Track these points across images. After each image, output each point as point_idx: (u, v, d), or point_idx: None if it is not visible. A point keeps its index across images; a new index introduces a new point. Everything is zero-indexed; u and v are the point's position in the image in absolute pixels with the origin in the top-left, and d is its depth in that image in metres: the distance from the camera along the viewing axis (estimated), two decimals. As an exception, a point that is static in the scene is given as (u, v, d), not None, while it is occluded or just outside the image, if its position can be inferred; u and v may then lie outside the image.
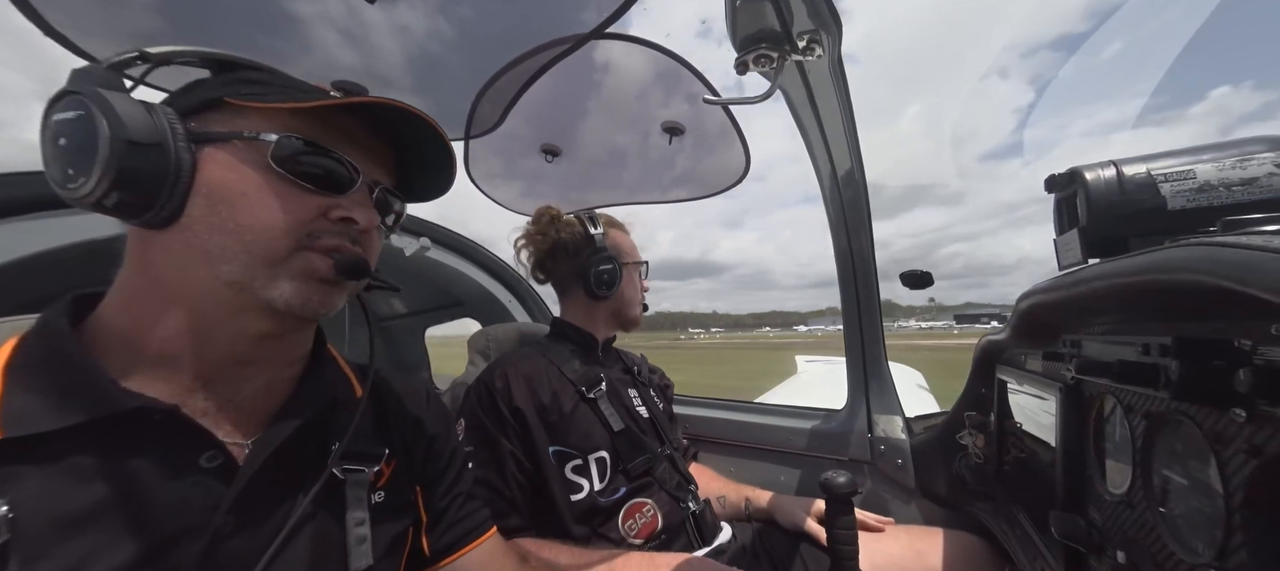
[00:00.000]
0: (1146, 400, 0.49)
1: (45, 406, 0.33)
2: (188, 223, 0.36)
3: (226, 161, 0.37)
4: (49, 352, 0.36)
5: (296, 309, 0.39)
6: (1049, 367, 0.67)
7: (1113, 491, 0.55)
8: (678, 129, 1.05)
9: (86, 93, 0.33)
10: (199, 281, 0.37)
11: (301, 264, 0.39)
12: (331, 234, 0.40)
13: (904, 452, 1.11)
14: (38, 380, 0.34)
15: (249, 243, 0.37)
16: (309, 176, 0.38)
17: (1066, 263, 0.60)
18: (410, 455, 0.53)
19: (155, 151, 0.34)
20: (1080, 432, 0.62)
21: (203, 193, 0.36)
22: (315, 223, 0.39)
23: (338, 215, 0.40)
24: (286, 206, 0.38)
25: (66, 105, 0.34)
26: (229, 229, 0.36)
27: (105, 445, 0.34)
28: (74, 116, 0.33)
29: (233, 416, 0.40)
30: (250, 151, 0.37)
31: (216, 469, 0.37)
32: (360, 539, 0.43)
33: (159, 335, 0.37)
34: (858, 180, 1.02)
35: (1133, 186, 0.50)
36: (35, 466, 0.32)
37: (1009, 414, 0.85)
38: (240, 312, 0.39)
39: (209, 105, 0.38)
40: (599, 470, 0.84)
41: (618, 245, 1.00)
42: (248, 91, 0.38)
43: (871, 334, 1.17)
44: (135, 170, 0.33)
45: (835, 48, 0.72)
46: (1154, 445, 0.49)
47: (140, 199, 0.34)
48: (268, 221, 0.37)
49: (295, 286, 0.38)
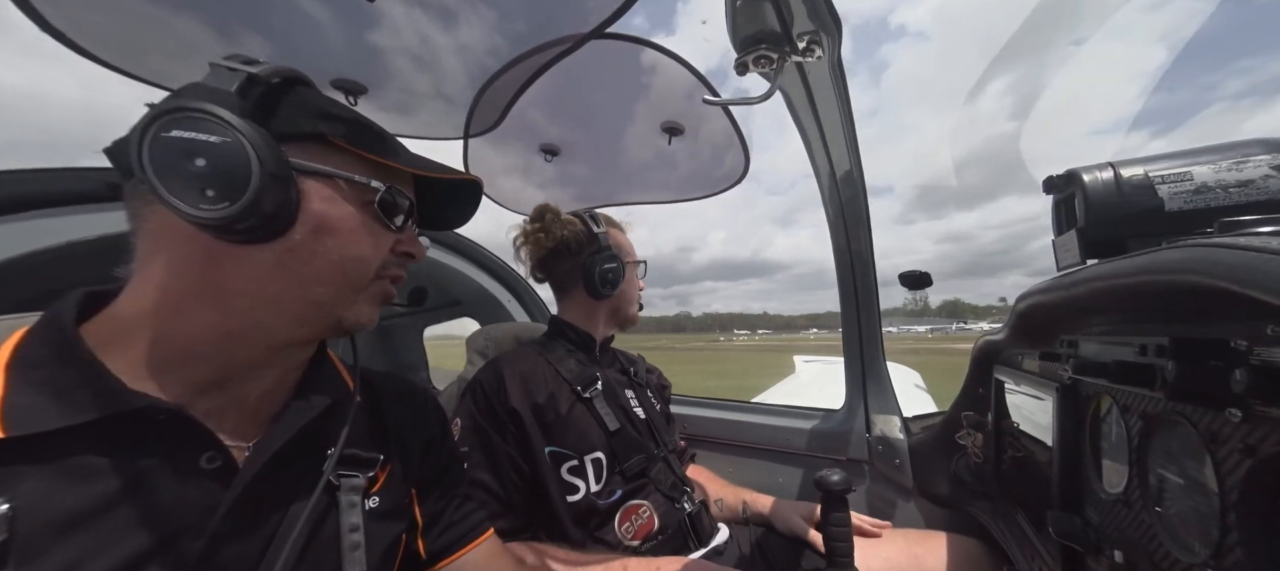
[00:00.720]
0: (1143, 400, 0.50)
1: (48, 404, 0.33)
2: (287, 245, 0.38)
3: (330, 197, 0.40)
4: (53, 349, 0.36)
5: (364, 326, 0.45)
6: (1046, 368, 0.67)
7: (1109, 491, 0.56)
8: (677, 129, 1.05)
9: (229, 120, 0.35)
10: (276, 295, 0.39)
11: (378, 290, 0.45)
12: (395, 264, 0.46)
13: (902, 452, 1.12)
14: (41, 377, 0.34)
15: (348, 272, 0.42)
16: (391, 216, 0.44)
17: (1064, 263, 0.60)
18: (406, 458, 0.53)
19: (284, 184, 0.37)
20: (1077, 432, 0.63)
21: (308, 223, 0.39)
22: (387, 255, 0.45)
23: (402, 250, 0.46)
24: (377, 242, 0.43)
25: (203, 125, 0.35)
26: (332, 258, 0.41)
27: (107, 444, 0.34)
28: (217, 142, 0.35)
29: (235, 418, 0.41)
30: (353, 191, 0.41)
31: (216, 470, 0.38)
32: (354, 545, 0.44)
33: (192, 335, 0.38)
34: (856, 181, 1.02)
35: (1130, 188, 0.50)
36: (36, 464, 0.32)
37: (1006, 414, 0.86)
38: (300, 325, 0.41)
39: (308, 137, 0.40)
40: (595, 471, 0.84)
41: (618, 244, 1.00)
42: (345, 133, 0.41)
43: (870, 334, 1.17)
44: (267, 201, 0.36)
45: (835, 49, 0.73)
46: (1150, 445, 0.49)
47: (262, 225, 0.36)
48: (364, 254, 0.43)
49: (369, 308, 0.45)
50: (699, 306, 17.23)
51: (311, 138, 0.40)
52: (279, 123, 0.38)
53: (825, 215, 1.12)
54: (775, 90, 0.74)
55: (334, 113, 0.42)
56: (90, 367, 0.35)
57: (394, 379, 0.57)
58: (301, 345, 0.44)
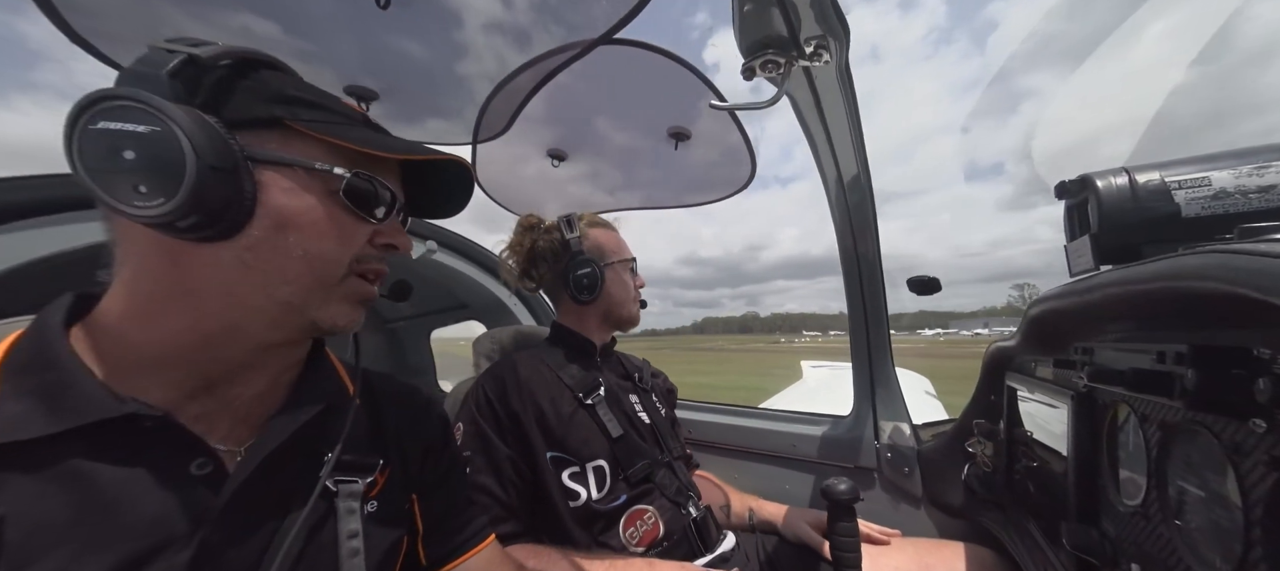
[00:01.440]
0: (1162, 409, 0.48)
1: (35, 411, 0.33)
2: (246, 242, 0.36)
3: (290, 188, 0.37)
4: (39, 355, 0.35)
5: (341, 328, 0.41)
6: (1060, 375, 0.66)
7: (1127, 502, 0.54)
8: (684, 134, 1.06)
9: (160, 106, 0.32)
10: (243, 296, 0.37)
11: (352, 288, 0.41)
12: (374, 258, 0.42)
13: (911, 460, 1.10)
14: (30, 383, 0.34)
15: (315, 269, 0.38)
16: (364, 206, 0.40)
17: (1078, 269, 0.59)
18: (406, 462, 0.51)
19: (230, 176, 0.34)
20: (1093, 442, 0.61)
21: (268, 216, 0.36)
22: (363, 248, 0.41)
23: (382, 242, 0.43)
24: (346, 235, 0.40)
25: (130, 115, 0.32)
26: (295, 255, 0.37)
27: (95, 450, 0.33)
28: (147, 131, 0.32)
29: (227, 422, 0.40)
30: (314, 180, 0.38)
31: (206, 477, 0.36)
32: (353, 552, 0.42)
33: (168, 339, 0.37)
34: (864, 184, 1.02)
35: (1146, 193, 0.49)
36: (23, 472, 0.32)
37: (1019, 422, 0.84)
38: (275, 327, 0.39)
39: (264, 123, 0.37)
40: (597, 478, 0.83)
41: (599, 245, 0.98)
42: (308, 117, 0.38)
43: (878, 339, 1.16)
44: (210, 194, 0.33)
45: (842, 53, 0.72)
46: (1169, 455, 0.48)
47: (209, 221, 0.33)
48: (331, 249, 0.39)
49: (345, 308, 0.41)
50: (769, 306, 16.18)
51: (268, 123, 0.36)
52: (229, 108, 0.35)
53: (831, 219, 1.12)
54: (782, 95, 0.74)
55: (295, 95, 0.38)
56: (76, 373, 0.34)
57: (394, 381, 0.56)
58: (284, 346, 0.41)
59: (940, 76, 14.36)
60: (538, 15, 0.77)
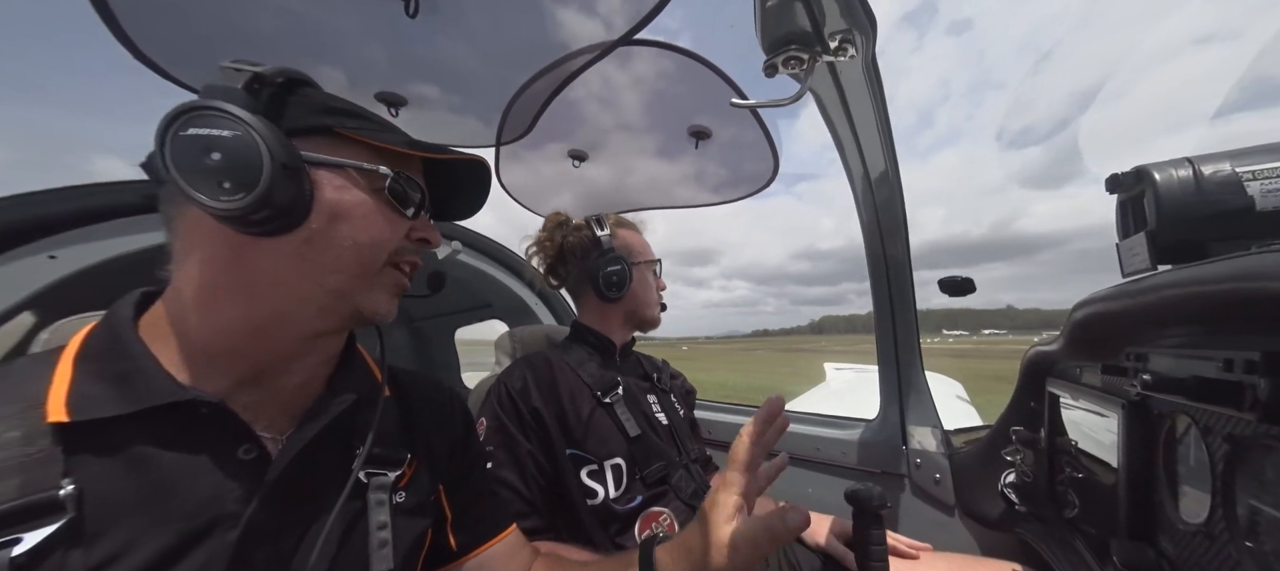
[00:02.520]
0: (1229, 421, 0.45)
1: (108, 394, 0.36)
2: (303, 235, 0.39)
3: (341, 185, 0.41)
4: (111, 344, 0.38)
5: (381, 315, 0.45)
6: (1110, 383, 0.62)
7: (1188, 520, 0.50)
8: (704, 133, 1.05)
9: (240, 115, 0.36)
10: (296, 285, 0.40)
11: (392, 277, 0.45)
12: (409, 251, 0.46)
13: (942, 467, 1.06)
14: (102, 369, 0.37)
15: (362, 257, 0.42)
16: (402, 203, 0.44)
17: (1131, 269, 0.55)
18: (433, 455, 0.54)
19: (296, 175, 0.38)
20: (1147, 454, 0.57)
21: (323, 211, 0.40)
22: (401, 241, 0.45)
23: (417, 236, 0.46)
24: (390, 228, 0.44)
25: (217, 122, 0.36)
26: (345, 245, 0.41)
27: (157, 433, 0.36)
28: (230, 136, 0.36)
29: (270, 412, 0.42)
30: (362, 178, 0.42)
31: (252, 461, 0.39)
32: (382, 542, 0.44)
33: (223, 329, 0.39)
34: (892, 181, 0.98)
35: (1213, 186, 0.45)
36: (96, 451, 0.35)
37: (1062, 430, 0.79)
38: (322, 315, 0.42)
39: (316, 131, 0.41)
40: (614, 477, 0.84)
41: (628, 245, 0.99)
42: (352, 125, 0.42)
43: (906, 340, 1.12)
44: (279, 191, 0.37)
45: (869, 47, 0.70)
46: (1238, 472, 0.44)
47: (277, 215, 0.37)
48: (378, 239, 0.43)
49: (385, 296, 0.45)
50: (783, 308, 14.50)
51: (319, 131, 0.41)
52: (287, 119, 0.39)
53: (858, 219, 1.08)
54: (806, 91, 0.72)
55: (338, 106, 0.42)
56: (145, 360, 0.37)
57: (421, 378, 0.59)
58: (327, 336, 0.45)
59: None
60: (559, 18, 0.78)
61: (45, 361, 0.38)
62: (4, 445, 0.33)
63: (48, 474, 0.33)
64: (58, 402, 0.35)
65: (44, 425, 0.34)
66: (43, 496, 0.32)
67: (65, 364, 0.37)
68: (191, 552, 0.35)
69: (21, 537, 0.31)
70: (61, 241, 0.79)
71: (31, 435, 0.34)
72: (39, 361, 0.38)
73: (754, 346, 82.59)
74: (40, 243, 0.78)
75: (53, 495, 0.32)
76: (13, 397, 0.35)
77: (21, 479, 0.32)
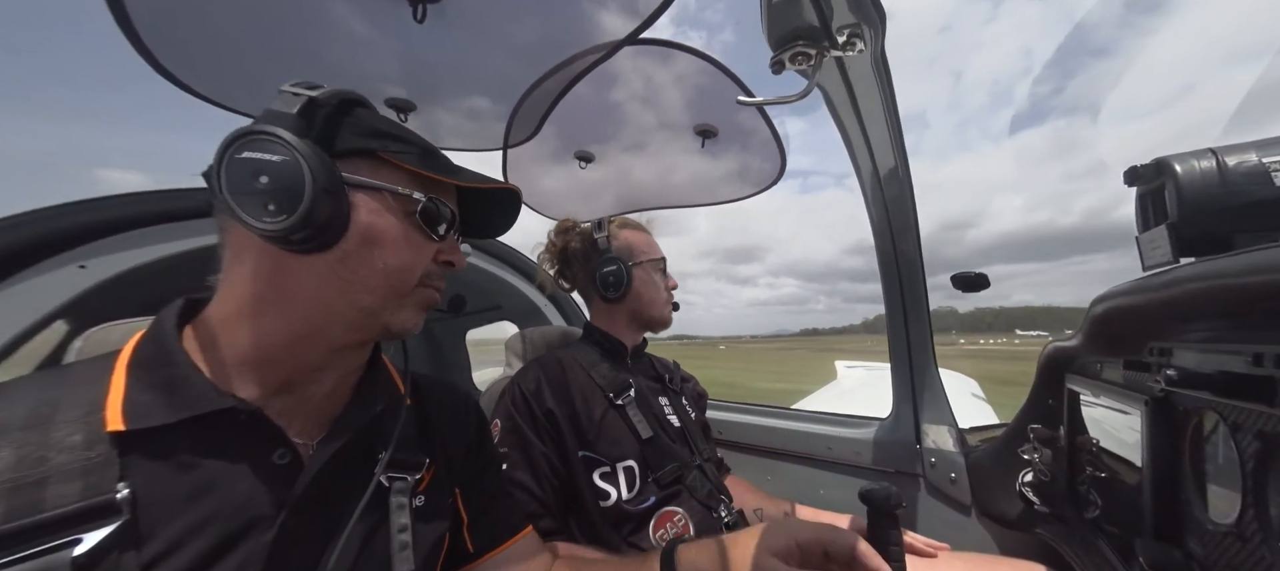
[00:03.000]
0: (1259, 418, 0.43)
1: (157, 402, 0.38)
2: (339, 255, 0.41)
3: (377, 209, 0.42)
4: (158, 352, 0.40)
5: (408, 332, 0.46)
6: (1132, 379, 0.60)
7: (1217, 520, 0.49)
8: (711, 131, 1.04)
9: (288, 139, 0.38)
10: (329, 302, 0.42)
11: (422, 297, 0.47)
12: (437, 274, 0.48)
13: (958, 466, 1.04)
14: (152, 378, 0.39)
15: (392, 280, 0.44)
16: (432, 225, 0.45)
17: (1152, 262, 0.54)
18: (450, 459, 0.55)
19: (336, 197, 0.40)
20: (1173, 452, 0.55)
21: (358, 233, 0.41)
22: (429, 264, 0.47)
23: (443, 258, 0.48)
24: (420, 252, 0.45)
25: (266, 146, 0.38)
26: (377, 267, 0.43)
27: (200, 438, 0.38)
28: (279, 160, 0.38)
29: (301, 419, 0.44)
30: (396, 202, 0.43)
31: (286, 466, 0.41)
32: (403, 545, 0.46)
33: (262, 339, 0.41)
34: (902, 178, 0.97)
35: (1239, 176, 0.44)
36: (146, 455, 0.36)
37: (1082, 428, 0.77)
38: (351, 330, 0.44)
39: (359, 153, 0.42)
40: (627, 479, 0.84)
41: (629, 245, 0.98)
42: (395, 149, 0.44)
43: (919, 338, 1.10)
44: (319, 212, 0.38)
45: (878, 42, 0.69)
46: (1271, 469, 0.43)
47: (316, 235, 0.39)
48: (408, 263, 0.44)
49: (413, 314, 0.46)
50: (979, 298, 14.03)
51: (363, 153, 0.42)
52: (337, 141, 0.41)
53: (867, 217, 1.07)
54: (813, 87, 0.71)
55: (384, 130, 0.44)
56: (189, 370, 0.39)
57: (437, 382, 0.60)
58: (356, 348, 0.47)
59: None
60: (564, 19, 0.78)
61: (102, 366, 0.40)
62: (68, 449, 0.34)
63: (106, 478, 0.34)
64: (115, 410, 0.37)
65: (103, 432, 0.36)
66: (102, 499, 0.33)
67: (119, 371, 0.39)
68: (231, 553, 0.37)
69: (82, 538, 0.32)
70: (90, 252, 0.82)
71: (92, 440, 0.35)
72: (95, 367, 0.40)
73: (794, 346, 77.92)
74: (70, 253, 0.80)
75: (111, 498, 0.34)
76: (75, 402, 0.37)
77: (84, 483, 0.34)
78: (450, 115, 1.01)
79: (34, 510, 0.32)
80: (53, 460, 0.34)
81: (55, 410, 0.36)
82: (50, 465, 0.33)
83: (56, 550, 0.31)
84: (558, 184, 1.29)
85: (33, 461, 0.33)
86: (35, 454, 0.34)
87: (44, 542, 0.31)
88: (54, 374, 0.40)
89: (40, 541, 0.31)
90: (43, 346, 0.77)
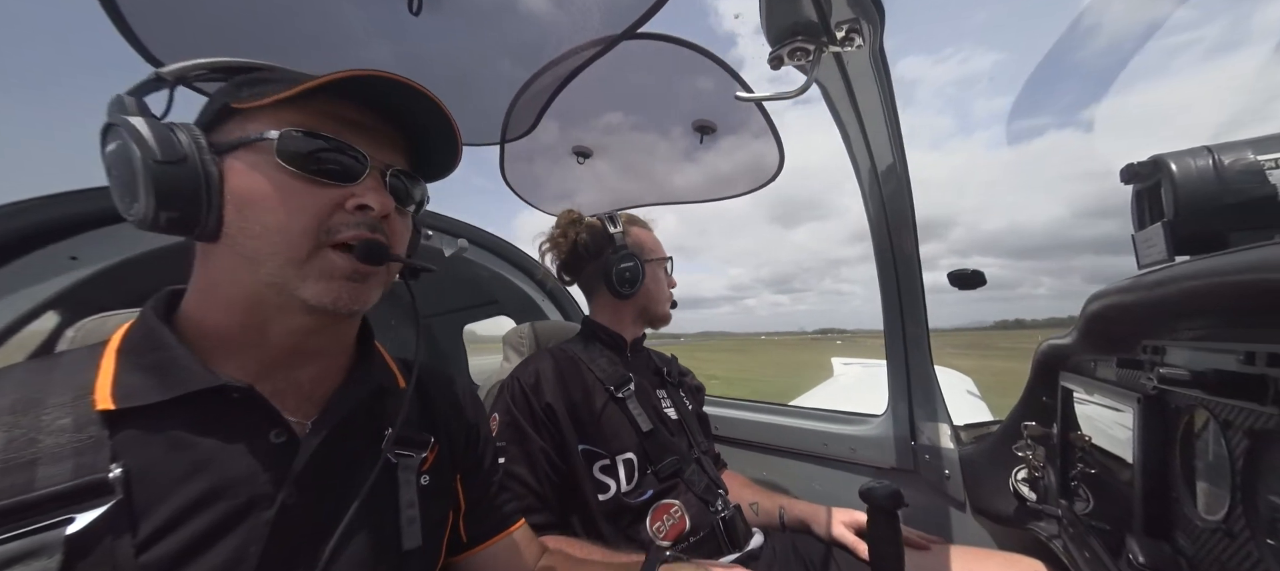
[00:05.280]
0: (1250, 416, 0.43)
1: (148, 382, 0.37)
2: (230, 232, 0.38)
3: (243, 168, 0.38)
4: (147, 337, 0.40)
5: (329, 307, 0.40)
6: (1125, 376, 0.61)
7: (1206, 517, 0.49)
8: (709, 127, 1.04)
9: (119, 122, 0.36)
10: (245, 284, 0.39)
11: (322, 264, 0.39)
12: (350, 225, 0.40)
13: (951, 463, 1.05)
14: (142, 361, 0.39)
15: (277, 244, 0.38)
16: (318, 170, 0.38)
17: (1147, 260, 0.54)
18: (452, 443, 0.55)
19: (183, 166, 0.36)
20: (1164, 449, 0.56)
21: (233, 201, 0.38)
22: (333, 216, 0.39)
23: (353, 204, 0.39)
24: (301, 203, 0.38)
25: (109, 138, 0.37)
26: (257, 232, 0.38)
27: (195, 418, 0.38)
28: (116, 147, 0.36)
29: (294, 399, 0.44)
30: (261, 153, 0.38)
31: (283, 444, 0.40)
32: (411, 520, 0.46)
33: (224, 330, 0.41)
34: (900, 175, 0.97)
35: (1234, 175, 0.44)
36: (140, 434, 0.36)
37: (1075, 425, 0.78)
38: (283, 311, 0.41)
39: (221, 115, 0.39)
40: (626, 471, 0.84)
41: (640, 242, 1.00)
42: (248, 93, 0.38)
43: (915, 335, 1.11)
44: (171, 187, 0.36)
45: (877, 37, 0.69)
46: (1260, 467, 0.43)
47: (185, 214, 0.36)
48: (287, 221, 0.38)
49: (323, 286, 0.39)
50: (1069, 290, 12.14)
51: (223, 114, 0.39)
52: (204, 115, 0.39)
53: (865, 213, 1.07)
54: (811, 83, 0.71)
55: (243, 80, 0.40)
56: (179, 351, 0.39)
57: (437, 372, 0.60)
58: (319, 331, 0.42)
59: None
60: (562, 13, 0.77)
61: (91, 354, 0.39)
62: (57, 431, 0.34)
63: (98, 458, 0.34)
64: (104, 391, 0.36)
65: (93, 413, 0.35)
66: (94, 478, 0.33)
67: (109, 356, 0.39)
68: (231, 531, 0.36)
69: (74, 517, 0.32)
70: (83, 243, 0.81)
71: (82, 422, 0.35)
72: (84, 354, 0.40)
73: (983, 345, 56.43)
74: (62, 244, 0.80)
75: (103, 477, 0.33)
76: (64, 387, 0.37)
77: (74, 462, 0.33)
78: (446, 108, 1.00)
79: (24, 489, 0.32)
80: (42, 442, 0.34)
81: (44, 395, 0.36)
82: (40, 447, 0.33)
83: (49, 529, 0.31)
84: (556, 178, 1.29)
85: (22, 444, 0.33)
86: (24, 436, 0.33)
87: (35, 521, 0.31)
88: (43, 362, 0.40)
89: (31, 520, 0.31)
90: (33, 338, 0.77)
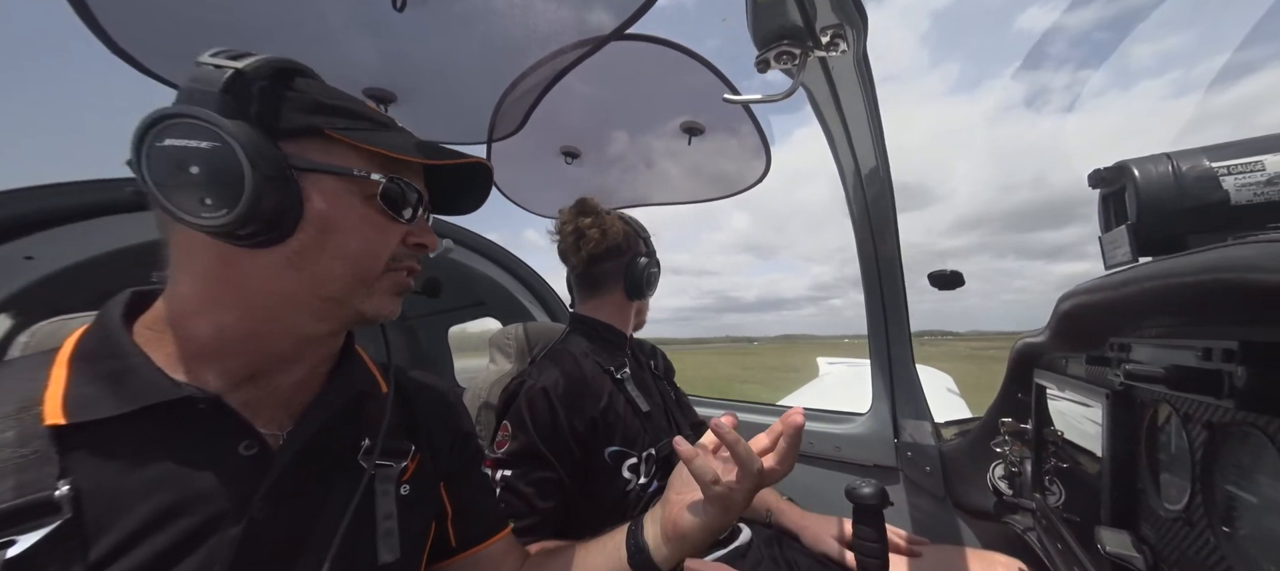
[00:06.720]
0: (1208, 409, 0.46)
1: (103, 394, 0.35)
2: (294, 246, 0.38)
3: (331, 193, 0.39)
4: (104, 344, 0.38)
5: (383, 317, 0.44)
6: (1094, 373, 0.63)
7: (1168, 507, 0.52)
8: (697, 128, 1.05)
9: (218, 122, 0.34)
10: (291, 294, 0.39)
11: (392, 281, 0.45)
12: (408, 257, 0.46)
13: (933, 459, 1.07)
14: (97, 370, 0.36)
15: (356, 268, 0.41)
16: (396, 208, 0.43)
17: (1114, 262, 0.56)
18: (435, 450, 0.54)
19: (282, 185, 0.36)
20: (1130, 443, 0.58)
21: (313, 222, 0.38)
22: (397, 247, 0.44)
23: (413, 242, 0.46)
24: (384, 236, 0.43)
25: (192, 132, 0.34)
26: (339, 256, 0.40)
27: (155, 431, 0.36)
28: (210, 148, 0.34)
29: (270, 409, 0.42)
30: (354, 185, 0.40)
31: (253, 457, 0.39)
32: (388, 532, 0.45)
33: (219, 332, 0.39)
34: (882, 178, 0.99)
35: (1191, 180, 0.46)
36: (94, 450, 0.34)
37: (1048, 421, 0.81)
38: (319, 320, 0.41)
39: (305, 132, 0.38)
40: (646, 465, 0.87)
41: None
42: (343, 125, 0.40)
43: (898, 336, 1.13)
44: (265, 204, 0.35)
45: (860, 42, 0.70)
46: (1216, 458, 0.45)
47: (264, 229, 0.36)
48: (372, 249, 0.42)
49: (385, 300, 0.44)
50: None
51: (309, 132, 0.38)
52: (274, 119, 0.37)
53: (849, 216, 1.09)
54: (798, 87, 0.72)
55: (331, 104, 0.40)
56: (138, 360, 0.37)
57: (420, 376, 0.59)
58: (326, 337, 0.44)
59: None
60: (550, 13, 0.77)
61: (39, 362, 0.37)
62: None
63: (43, 475, 0.32)
64: (55, 405, 0.34)
65: (40, 427, 0.34)
66: (38, 497, 0.31)
67: (60, 365, 0.37)
68: (194, 550, 0.35)
69: (15, 540, 0.30)
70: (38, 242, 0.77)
71: (26, 436, 0.33)
72: (32, 362, 0.38)
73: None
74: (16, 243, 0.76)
75: (48, 496, 0.32)
76: (9, 398, 0.35)
77: (16, 480, 0.32)
78: (432, 107, 0.99)
79: None
80: None
81: None
82: None
83: None
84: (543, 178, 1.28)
85: None
86: None
87: None
88: None
89: None
90: None
